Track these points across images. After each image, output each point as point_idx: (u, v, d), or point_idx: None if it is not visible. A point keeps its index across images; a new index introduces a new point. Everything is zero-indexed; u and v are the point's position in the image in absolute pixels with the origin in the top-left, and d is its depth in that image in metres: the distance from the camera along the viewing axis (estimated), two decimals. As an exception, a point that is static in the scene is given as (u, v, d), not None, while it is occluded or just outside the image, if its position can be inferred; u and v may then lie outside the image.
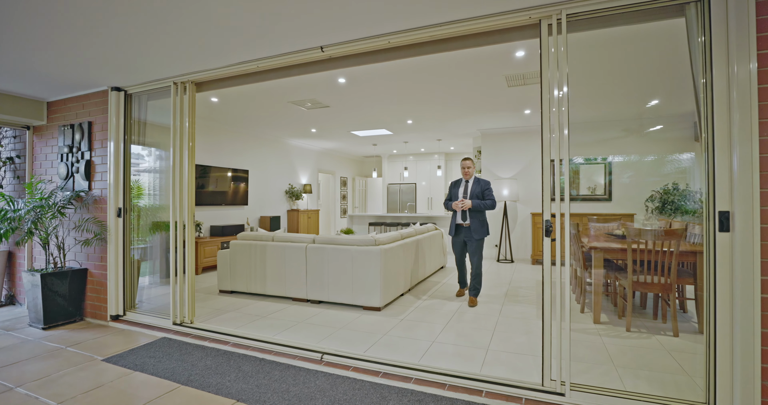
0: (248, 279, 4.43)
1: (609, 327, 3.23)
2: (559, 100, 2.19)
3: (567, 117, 2.19)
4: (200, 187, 6.25)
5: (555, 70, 2.19)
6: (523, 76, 4.13)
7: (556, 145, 2.19)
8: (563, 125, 2.17)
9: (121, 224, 3.64)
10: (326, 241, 4.11)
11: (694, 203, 5.56)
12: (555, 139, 2.21)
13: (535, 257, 6.47)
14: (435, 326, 3.31)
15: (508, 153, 7.04)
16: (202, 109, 5.58)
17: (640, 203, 6.15)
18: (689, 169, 6.12)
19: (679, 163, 6.11)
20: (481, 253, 3.95)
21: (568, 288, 2.16)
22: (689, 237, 3.57)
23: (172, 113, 3.39)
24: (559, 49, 2.18)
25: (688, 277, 3.12)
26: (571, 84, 2.21)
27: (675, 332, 2.97)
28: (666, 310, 3.31)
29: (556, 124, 2.21)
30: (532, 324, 3.34)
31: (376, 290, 3.75)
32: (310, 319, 3.54)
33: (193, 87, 3.42)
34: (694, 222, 5.00)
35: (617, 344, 2.86)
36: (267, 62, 2.93)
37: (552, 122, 2.23)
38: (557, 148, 2.19)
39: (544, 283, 2.22)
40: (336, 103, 5.26)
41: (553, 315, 2.22)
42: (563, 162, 2.13)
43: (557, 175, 2.17)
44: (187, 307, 3.37)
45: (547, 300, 2.22)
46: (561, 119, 2.18)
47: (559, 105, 2.19)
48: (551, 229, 2.09)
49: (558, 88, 2.19)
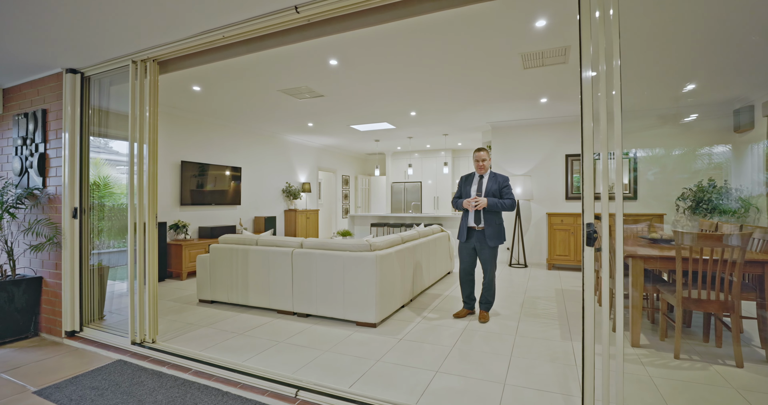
0: (229, 288, 3.93)
1: (651, 352, 2.65)
2: (607, 78, 1.65)
3: (620, 100, 1.64)
4: (186, 185, 5.78)
5: (600, 37, 1.65)
6: (542, 55, 3.56)
7: (602, 137, 1.65)
8: (614, 112, 1.63)
9: (77, 226, 3.17)
10: (315, 245, 3.59)
11: (735, 202, 4.93)
12: (601, 129, 1.66)
13: (552, 262, 5.88)
14: (439, 349, 2.77)
15: (520, 148, 6.45)
16: (183, 99, 5.10)
17: (668, 202, 5.52)
18: (724, 165, 5.48)
19: (715, 157, 5.47)
20: (494, 263, 3.38)
21: (620, 317, 1.61)
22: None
23: (130, 98, 2.90)
24: (606, 9, 1.64)
25: (749, 292, 2.54)
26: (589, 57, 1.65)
27: (738, 362, 2.39)
28: (722, 332, 2.73)
29: (602, 111, 1.67)
30: (557, 347, 2.78)
31: (370, 303, 3.22)
32: (293, 338, 3.02)
33: (156, 67, 2.93)
34: (733, 223, 4.39)
35: (667, 377, 2.29)
36: (234, 30, 2.42)
37: (598, 108, 1.69)
38: (604, 140, 1.65)
39: (586, 308, 1.67)
40: (331, 91, 4.74)
41: (597, 341, 1.67)
42: (614, 155, 1.59)
43: (613, 171, 1.61)
44: (148, 324, 2.88)
45: (589, 331, 1.67)
46: (611, 104, 1.63)
47: (606, 85, 1.65)
48: (595, 236, 1.54)
49: (606, 61, 1.65)
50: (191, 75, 4.16)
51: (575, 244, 5.75)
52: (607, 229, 1.53)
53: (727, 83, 4.35)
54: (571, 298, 4.15)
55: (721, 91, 4.65)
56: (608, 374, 1.66)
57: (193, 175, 5.90)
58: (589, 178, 1.63)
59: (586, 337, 1.67)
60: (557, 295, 4.29)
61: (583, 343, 1.70)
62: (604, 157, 1.61)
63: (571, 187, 6.12)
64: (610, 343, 1.64)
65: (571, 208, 6.09)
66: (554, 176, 6.23)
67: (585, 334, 1.68)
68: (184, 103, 5.30)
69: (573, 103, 5.25)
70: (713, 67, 3.86)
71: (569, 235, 5.79)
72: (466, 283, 3.53)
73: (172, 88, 4.63)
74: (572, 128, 6.11)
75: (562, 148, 6.18)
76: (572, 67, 3.87)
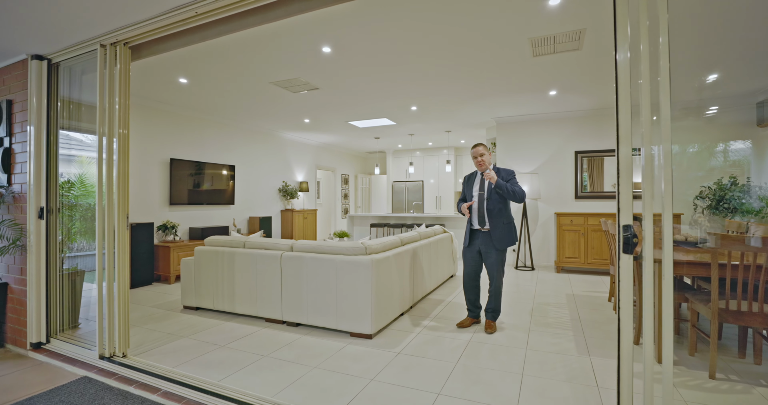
0: (215, 294, 3.65)
1: (681, 370, 2.35)
2: (651, 61, 1.36)
3: (668, 86, 1.34)
4: (176, 184, 5.50)
5: (641, 11, 1.35)
6: (554, 40, 3.25)
7: (644, 129, 1.35)
8: (661, 101, 1.33)
9: (44, 228, 2.89)
10: (306, 248, 3.30)
11: (758, 201, 4.60)
12: (643, 121, 1.36)
13: (561, 264, 5.57)
14: (441, 366, 2.47)
15: (527, 145, 6.14)
16: (170, 93, 4.82)
17: (684, 201, 5.20)
18: (743, 161, 5.15)
19: (735, 153, 5.13)
20: (502, 269, 3.08)
21: (670, 344, 1.32)
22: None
23: (98, 86, 2.62)
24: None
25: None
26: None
27: (786, 384, 2.08)
28: (761, 347, 2.41)
29: (645, 102, 1.38)
30: (574, 363, 2.48)
31: (365, 312, 2.93)
32: (280, 351, 2.73)
33: (127, 52, 2.64)
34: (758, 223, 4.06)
35: (704, 401, 1.98)
36: (207, 4, 2.13)
37: (640, 99, 1.40)
38: (647, 132, 1.35)
39: (622, 330, 1.37)
40: (326, 83, 4.45)
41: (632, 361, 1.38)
42: (661, 149, 1.29)
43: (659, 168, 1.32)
44: (118, 336, 2.60)
45: (627, 357, 1.37)
46: (660, 93, 1.34)
47: (650, 72, 1.36)
48: (635, 241, 1.24)
49: (645, 41, 1.36)
50: (176, 66, 3.88)
51: (586, 245, 5.44)
52: (652, 233, 1.23)
53: (750, 73, 4.03)
54: (584, 305, 3.84)
55: (744, 83, 4.33)
56: (651, 401, 1.36)
57: (183, 174, 5.62)
58: (627, 174, 1.33)
59: (623, 362, 1.37)
60: (569, 301, 3.98)
61: (619, 372, 1.40)
62: (647, 152, 1.31)
63: (580, 185, 5.81)
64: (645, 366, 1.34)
65: (582, 208, 5.78)
66: (563, 174, 5.92)
67: (622, 361, 1.38)
68: (171, 97, 5.03)
69: (584, 95, 4.94)
70: (736, 56, 3.54)
71: (579, 236, 5.48)
72: (471, 289, 3.23)
73: (157, 81, 4.35)
74: (583, 123, 5.79)
75: (572, 144, 5.86)
76: (585, 54, 3.56)
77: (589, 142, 5.76)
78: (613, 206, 5.63)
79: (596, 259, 5.38)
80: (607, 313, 3.56)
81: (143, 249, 4.91)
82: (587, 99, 5.12)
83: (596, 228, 5.39)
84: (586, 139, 5.77)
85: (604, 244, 5.34)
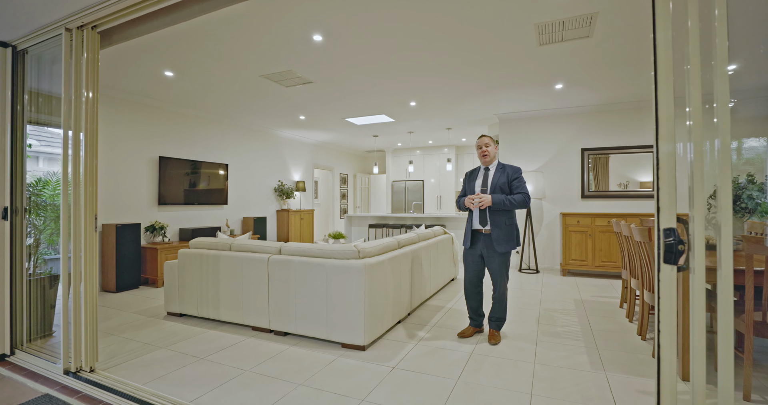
0: (199, 300, 3.41)
1: (710, 389, 2.09)
2: (714, 42, 1.12)
3: (726, 72, 1.11)
4: (166, 183, 5.27)
5: None
6: (563, 26, 3.01)
7: (695, 122, 1.12)
8: (720, 89, 1.10)
9: (8, 229, 2.66)
10: (295, 251, 3.06)
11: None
12: (693, 113, 1.13)
13: (567, 267, 5.31)
14: (440, 384, 2.22)
15: (531, 142, 5.89)
16: (157, 87, 4.59)
17: (697, 201, 4.93)
18: (756, 159, 4.89)
19: (750, 151, 4.87)
20: (506, 273, 2.83)
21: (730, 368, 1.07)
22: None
23: (63, 74, 2.38)
24: None
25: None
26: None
27: (833, 408, 1.83)
28: (798, 364, 2.16)
29: (694, 90, 1.14)
30: (589, 381, 2.23)
31: (358, 322, 2.69)
32: (264, 365, 2.49)
33: (95, 36, 2.41)
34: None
35: (740, 430, 1.73)
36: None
37: (688, 86, 1.16)
38: (698, 125, 1.12)
39: (663, 361, 1.12)
40: (320, 76, 4.22)
41: None
42: (720, 145, 1.06)
43: (718, 165, 1.08)
44: (84, 349, 2.36)
45: (670, 398, 1.12)
46: (715, 79, 1.11)
47: (700, 54, 1.13)
48: (681, 249, 1.00)
49: (693, 17, 1.12)
50: (160, 57, 3.65)
51: (593, 247, 5.18)
52: (703, 240, 0.98)
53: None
54: (595, 312, 3.59)
55: (763, 75, 4.08)
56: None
57: (173, 173, 5.39)
58: (669, 169, 1.10)
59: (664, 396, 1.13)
60: (577, 308, 3.73)
61: None
62: (697, 148, 1.08)
63: (587, 184, 5.55)
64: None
65: (589, 208, 5.52)
66: (569, 173, 5.66)
67: (662, 394, 1.13)
68: (158, 92, 4.80)
69: (592, 89, 4.68)
70: (755, 46, 3.29)
71: (586, 237, 5.22)
72: (473, 296, 2.98)
73: (142, 74, 4.12)
74: (590, 120, 5.54)
75: (578, 141, 5.61)
76: (596, 42, 3.32)
77: (596, 139, 5.51)
78: (621, 206, 5.37)
79: (604, 261, 5.12)
80: (619, 321, 3.30)
81: (129, 251, 4.68)
82: (595, 93, 4.86)
83: (604, 229, 5.13)
84: (594, 136, 5.52)
85: (612, 245, 5.08)
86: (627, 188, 5.41)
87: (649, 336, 2.90)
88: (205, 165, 5.88)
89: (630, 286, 3.27)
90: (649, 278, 2.72)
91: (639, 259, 2.84)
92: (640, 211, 5.24)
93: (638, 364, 2.44)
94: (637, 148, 5.29)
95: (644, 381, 2.22)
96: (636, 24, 2.98)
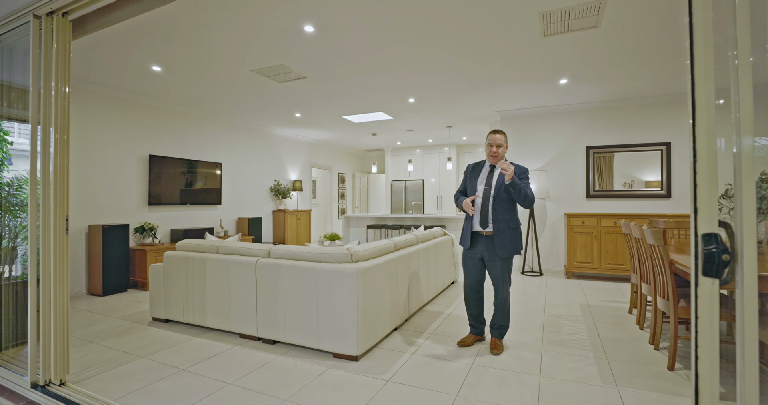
0: (185, 305, 3.24)
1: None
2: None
3: None
4: (156, 182, 5.11)
5: None
6: (569, 14, 2.82)
7: (745, 115, 0.96)
8: None
9: (-24, 232, 2.49)
10: (284, 254, 2.88)
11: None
12: (743, 106, 0.97)
13: (571, 269, 5.12)
14: (437, 399, 2.04)
15: (533, 140, 5.70)
16: (145, 83, 4.42)
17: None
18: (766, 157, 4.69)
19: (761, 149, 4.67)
20: (509, 278, 2.64)
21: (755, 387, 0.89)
22: None
23: (31, 64, 2.21)
24: None
25: None
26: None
27: None
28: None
29: (744, 81, 0.97)
30: (599, 397, 2.05)
31: (350, 330, 2.51)
32: (248, 378, 2.32)
33: (67, 24, 2.24)
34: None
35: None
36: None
37: (736, 76, 0.99)
38: (747, 120, 0.95)
39: (701, 392, 0.94)
40: (314, 71, 4.04)
41: None
42: None
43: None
44: (54, 361, 2.19)
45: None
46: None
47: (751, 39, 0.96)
48: (725, 260, 0.82)
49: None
50: (146, 51, 3.48)
51: (599, 249, 4.99)
52: (755, 249, 0.80)
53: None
54: (602, 318, 3.40)
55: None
56: None
57: (165, 172, 5.22)
58: (709, 167, 0.92)
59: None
60: (584, 313, 3.55)
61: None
62: (748, 144, 0.91)
63: (593, 184, 5.36)
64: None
65: (594, 208, 5.33)
66: (573, 172, 5.48)
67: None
68: (147, 89, 4.63)
69: (598, 85, 4.50)
70: None
71: (592, 238, 5.04)
72: (473, 301, 2.80)
73: (129, 69, 3.95)
74: (595, 117, 5.35)
75: (583, 139, 5.42)
76: (604, 33, 3.13)
77: (601, 137, 5.32)
78: (627, 206, 5.18)
79: (610, 264, 4.93)
80: (629, 328, 3.12)
81: (117, 252, 4.51)
82: (601, 89, 4.68)
83: (610, 230, 4.94)
84: (599, 134, 5.33)
85: (619, 247, 4.90)
86: (632, 188, 5.21)
87: (662, 345, 2.71)
88: (198, 164, 5.71)
89: (640, 291, 3.08)
90: (662, 284, 2.53)
91: (651, 262, 2.66)
92: (646, 211, 5.05)
93: (652, 377, 2.26)
94: (642, 146, 5.10)
95: (660, 397, 2.04)
96: (646, 13, 2.80)
